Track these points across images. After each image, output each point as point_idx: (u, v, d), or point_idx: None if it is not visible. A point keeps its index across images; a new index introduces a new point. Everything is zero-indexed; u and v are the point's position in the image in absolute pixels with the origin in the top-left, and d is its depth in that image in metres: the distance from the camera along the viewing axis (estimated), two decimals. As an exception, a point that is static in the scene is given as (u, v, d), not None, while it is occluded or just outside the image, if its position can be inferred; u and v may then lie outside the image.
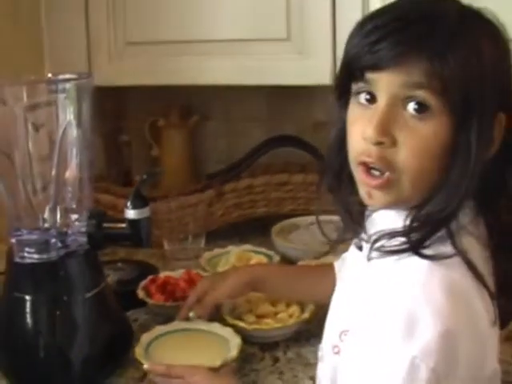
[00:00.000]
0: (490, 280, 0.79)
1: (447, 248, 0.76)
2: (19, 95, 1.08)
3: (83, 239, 1.11)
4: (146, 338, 1.17)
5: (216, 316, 1.24)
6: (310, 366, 1.16)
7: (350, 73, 0.80)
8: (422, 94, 0.74)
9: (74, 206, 1.12)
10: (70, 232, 1.11)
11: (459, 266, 0.76)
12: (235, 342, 1.14)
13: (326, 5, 1.48)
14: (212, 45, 1.56)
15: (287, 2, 1.51)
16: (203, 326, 1.20)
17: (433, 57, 0.73)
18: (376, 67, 0.76)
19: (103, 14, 1.63)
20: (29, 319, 1.10)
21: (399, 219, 0.80)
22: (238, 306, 1.26)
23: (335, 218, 1.10)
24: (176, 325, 1.21)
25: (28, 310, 1.10)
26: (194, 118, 1.91)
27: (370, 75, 0.77)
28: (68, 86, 1.08)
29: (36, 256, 1.10)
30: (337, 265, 1.13)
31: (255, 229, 1.70)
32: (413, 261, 0.76)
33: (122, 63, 1.64)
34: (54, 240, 1.09)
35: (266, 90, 1.88)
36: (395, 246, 0.78)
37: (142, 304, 1.35)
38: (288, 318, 1.24)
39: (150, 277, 1.39)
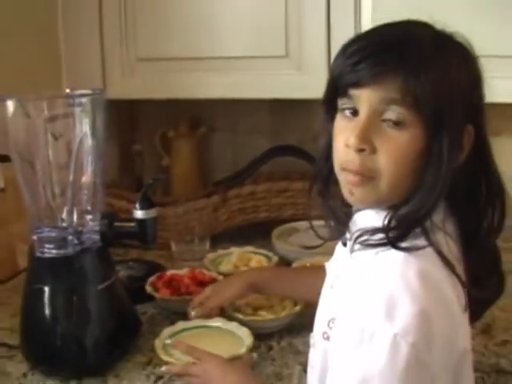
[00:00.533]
0: (460, 270, 0.89)
1: (420, 241, 0.86)
2: (41, 108, 1.20)
3: (96, 237, 1.24)
4: (166, 332, 1.27)
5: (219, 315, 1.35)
6: (300, 354, 1.29)
7: (336, 89, 0.91)
8: (397, 108, 0.85)
9: (89, 208, 1.25)
10: (84, 230, 1.23)
11: (431, 257, 0.86)
12: (248, 341, 1.23)
13: (322, 25, 1.61)
14: (218, 61, 1.70)
15: (286, 23, 1.63)
16: (221, 324, 1.30)
17: (407, 76, 0.83)
18: (357, 85, 0.87)
19: (116, 33, 1.76)
20: (47, 308, 1.22)
21: (379, 219, 0.90)
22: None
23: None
24: (195, 322, 1.31)
25: (46, 299, 1.22)
26: (201, 130, 2.04)
27: (352, 91, 0.87)
28: (84, 100, 1.21)
29: (54, 251, 1.23)
30: (327, 265, 1.23)
31: (257, 232, 1.82)
32: (390, 253, 0.87)
33: (134, 78, 1.77)
34: (70, 237, 1.22)
35: (269, 104, 2.01)
36: (375, 240, 0.88)
37: (150, 299, 1.47)
38: (281, 310, 1.36)
39: (157, 274, 1.51)
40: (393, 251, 0.87)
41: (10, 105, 1.19)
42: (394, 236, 0.87)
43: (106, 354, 1.25)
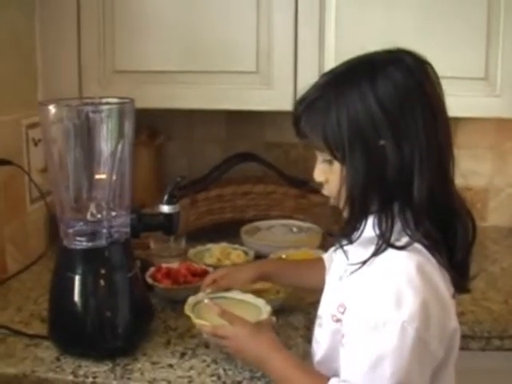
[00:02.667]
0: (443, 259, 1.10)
1: (406, 238, 1.08)
2: (72, 115, 1.33)
3: (125, 230, 1.38)
4: (191, 300, 1.39)
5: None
6: (298, 329, 1.49)
7: None
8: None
9: (117, 203, 1.38)
10: (115, 224, 1.37)
11: (423, 252, 1.07)
12: (266, 309, 1.36)
13: (290, 44, 1.82)
14: (192, 75, 1.86)
15: (257, 41, 1.83)
16: (239, 295, 1.43)
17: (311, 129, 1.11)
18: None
19: (94, 45, 1.88)
20: (80, 295, 1.34)
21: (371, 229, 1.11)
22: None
23: (290, 221, 1.78)
24: (216, 293, 1.43)
25: (78, 287, 1.34)
26: (159, 138, 2.19)
27: None
28: (115, 107, 1.36)
29: (86, 243, 1.35)
30: (325, 257, 1.43)
31: (222, 231, 1.99)
32: (391, 252, 1.07)
33: (110, 90, 1.89)
34: (104, 230, 1.35)
35: (224, 114, 2.20)
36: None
37: (148, 290, 1.60)
38: (276, 293, 1.55)
39: (154, 267, 1.66)
40: (391, 250, 1.08)
41: (52, 109, 1.31)
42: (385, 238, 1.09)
43: (134, 336, 1.39)
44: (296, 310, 1.58)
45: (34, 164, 1.85)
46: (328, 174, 1.13)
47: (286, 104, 1.83)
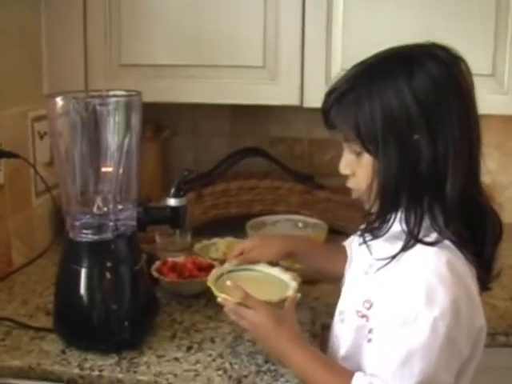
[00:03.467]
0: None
1: (435, 235, 1.07)
2: (79, 108, 1.32)
3: (131, 223, 1.38)
4: (215, 271, 1.35)
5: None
6: (303, 324, 1.48)
7: None
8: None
9: (124, 196, 1.38)
10: (121, 217, 1.37)
11: (452, 249, 1.07)
12: (292, 284, 1.30)
13: (297, 39, 1.81)
14: (199, 69, 1.86)
15: (264, 36, 1.83)
16: (266, 269, 1.38)
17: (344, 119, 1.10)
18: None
19: (100, 39, 1.87)
20: (86, 288, 1.34)
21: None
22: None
23: (296, 217, 1.75)
24: (242, 265, 1.39)
25: (85, 280, 1.34)
26: (165, 133, 2.18)
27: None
28: (122, 99, 1.35)
29: (92, 236, 1.35)
30: (346, 244, 1.42)
31: (227, 225, 1.99)
32: (420, 248, 1.07)
33: (116, 83, 1.89)
34: (111, 223, 1.35)
35: (229, 109, 2.19)
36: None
37: (153, 284, 1.60)
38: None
39: (160, 261, 1.65)
40: (420, 246, 1.07)
41: (59, 101, 1.30)
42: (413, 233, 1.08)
43: (140, 329, 1.39)
44: (301, 304, 1.56)
45: (40, 157, 1.85)
46: (356, 167, 1.13)
47: (292, 99, 1.85)
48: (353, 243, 1.36)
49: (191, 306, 1.57)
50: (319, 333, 1.49)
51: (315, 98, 1.79)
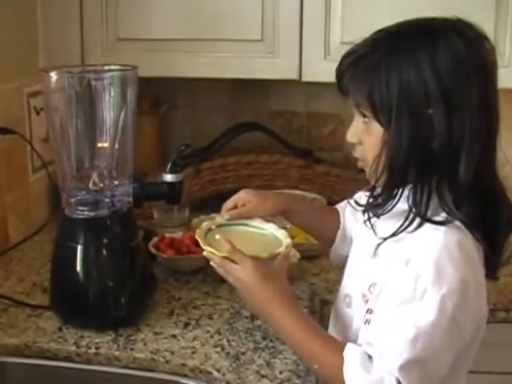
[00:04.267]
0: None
1: (444, 214, 1.03)
2: (81, 80, 1.29)
3: (128, 199, 1.36)
4: (206, 224, 1.26)
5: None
6: (302, 300, 1.47)
7: None
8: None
9: (120, 172, 1.36)
10: (117, 193, 1.35)
11: (462, 229, 1.03)
12: (286, 241, 1.21)
13: (295, 12, 1.78)
14: (197, 43, 1.83)
15: (262, 9, 1.80)
16: (259, 224, 1.28)
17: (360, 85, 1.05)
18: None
19: (97, 12, 1.85)
20: (82, 265, 1.33)
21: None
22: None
23: (295, 192, 1.69)
24: (234, 219, 1.28)
25: (81, 257, 1.33)
26: (163, 108, 2.16)
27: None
28: (118, 74, 1.33)
29: (88, 213, 1.34)
30: (340, 208, 1.38)
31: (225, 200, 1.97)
32: (429, 227, 1.03)
33: (113, 57, 1.85)
34: (107, 200, 1.33)
35: (228, 83, 2.17)
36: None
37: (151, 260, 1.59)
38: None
39: (157, 237, 1.64)
40: (428, 225, 1.03)
41: (53, 76, 1.28)
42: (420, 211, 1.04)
43: (137, 306, 1.38)
44: (300, 280, 1.57)
45: (36, 133, 1.83)
46: (364, 136, 1.09)
47: (291, 73, 1.83)
48: (347, 213, 1.33)
49: (189, 283, 1.56)
50: (318, 309, 1.49)
51: (314, 72, 1.82)
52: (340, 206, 1.38)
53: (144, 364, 1.26)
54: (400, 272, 1.03)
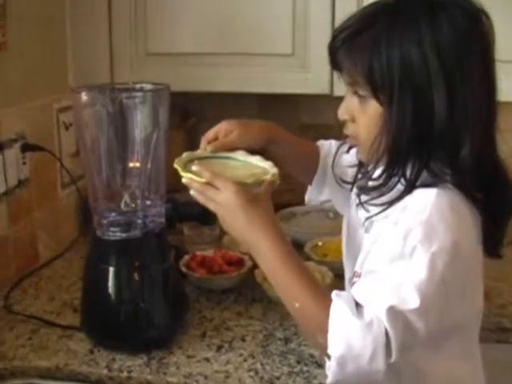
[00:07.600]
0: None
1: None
2: (105, 100, 1.28)
3: (160, 220, 1.34)
4: (187, 155, 1.15)
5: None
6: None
7: None
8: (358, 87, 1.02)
9: (152, 192, 1.34)
10: (149, 214, 1.33)
11: (458, 194, 0.99)
12: (273, 171, 1.12)
13: (327, 26, 1.75)
14: (226, 57, 1.81)
15: (293, 23, 1.77)
16: (244, 157, 1.18)
17: (357, 61, 0.99)
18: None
19: (126, 27, 1.83)
20: (114, 287, 1.31)
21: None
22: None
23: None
24: (217, 151, 1.19)
25: (113, 279, 1.31)
26: (191, 120, 2.14)
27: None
28: (150, 93, 1.31)
29: (120, 234, 1.32)
30: (322, 148, 1.38)
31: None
32: (419, 191, 0.99)
33: (142, 72, 1.84)
34: (139, 221, 1.31)
35: (256, 97, 2.14)
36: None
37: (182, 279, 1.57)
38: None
39: (189, 255, 1.62)
40: (420, 189, 1.00)
41: (84, 96, 1.26)
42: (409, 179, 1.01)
43: (170, 328, 1.35)
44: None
45: (65, 148, 1.82)
46: (358, 113, 1.03)
47: (323, 87, 1.80)
48: (328, 158, 1.33)
49: (221, 302, 1.53)
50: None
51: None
52: (322, 145, 1.35)
53: (177, 388, 1.24)
54: (389, 231, 0.99)
